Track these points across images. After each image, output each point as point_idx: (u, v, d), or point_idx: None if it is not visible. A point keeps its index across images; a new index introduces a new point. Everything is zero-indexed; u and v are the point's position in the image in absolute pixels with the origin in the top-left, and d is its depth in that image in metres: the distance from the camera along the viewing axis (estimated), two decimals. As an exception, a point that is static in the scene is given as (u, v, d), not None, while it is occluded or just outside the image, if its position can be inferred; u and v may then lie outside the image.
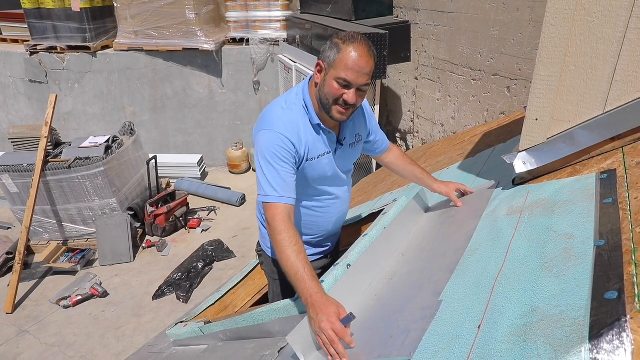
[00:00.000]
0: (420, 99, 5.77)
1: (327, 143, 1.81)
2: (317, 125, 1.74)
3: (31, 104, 7.26)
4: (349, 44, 1.58)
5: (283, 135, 1.64)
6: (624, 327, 0.81)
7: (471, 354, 0.99)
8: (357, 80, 1.59)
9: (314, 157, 1.77)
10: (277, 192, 1.62)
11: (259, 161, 1.67)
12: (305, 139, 1.71)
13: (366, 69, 1.58)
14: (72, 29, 6.73)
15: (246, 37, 7.14)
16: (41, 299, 4.80)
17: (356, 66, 1.56)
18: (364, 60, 1.57)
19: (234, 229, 6.03)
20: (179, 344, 2.32)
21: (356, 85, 1.60)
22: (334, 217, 2.06)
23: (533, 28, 3.72)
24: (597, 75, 1.53)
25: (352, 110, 1.69)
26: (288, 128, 1.66)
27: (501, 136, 2.92)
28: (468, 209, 1.90)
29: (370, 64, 1.59)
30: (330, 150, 1.83)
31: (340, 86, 1.61)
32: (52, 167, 5.17)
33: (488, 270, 1.29)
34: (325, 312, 1.30)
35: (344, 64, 1.57)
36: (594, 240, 1.13)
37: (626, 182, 1.31)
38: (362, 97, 1.68)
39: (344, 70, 1.57)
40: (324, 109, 1.69)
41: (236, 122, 7.63)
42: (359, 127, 1.95)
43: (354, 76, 1.58)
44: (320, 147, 1.78)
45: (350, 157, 1.97)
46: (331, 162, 1.85)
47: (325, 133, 1.78)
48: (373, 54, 1.62)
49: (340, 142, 1.87)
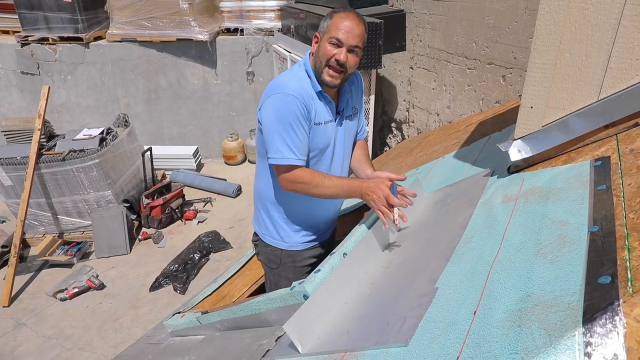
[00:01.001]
0: (415, 89, 5.76)
1: (330, 111, 1.88)
2: (319, 93, 1.82)
3: (23, 96, 7.20)
4: (340, 12, 1.74)
5: (296, 97, 1.73)
6: (616, 311, 0.82)
7: (467, 339, 1.00)
8: (347, 40, 1.70)
9: (320, 122, 1.84)
10: (297, 156, 1.77)
11: (273, 123, 1.74)
12: (314, 102, 1.81)
13: (356, 30, 1.70)
14: (64, 19, 6.66)
15: (240, 27, 7.09)
16: (38, 291, 4.80)
17: (346, 27, 1.69)
18: (353, 22, 1.70)
19: (230, 220, 6.04)
20: (176, 334, 2.33)
21: (347, 45, 1.71)
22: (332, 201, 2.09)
23: (528, 16, 3.72)
24: (592, 62, 1.53)
25: (343, 75, 1.78)
26: (299, 91, 1.75)
27: (496, 125, 2.92)
28: (464, 197, 1.91)
29: (360, 27, 1.72)
30: (333, 119, 1.90)
31: (332, 45, 1.72)
32: (46, 159, 5.14)
33: (483, 257, 1.31)
34: (376, 189, 1.68)
35: (336, 26, 1.71)
36: (588, 226, 1.14)
37: (620, 169, 1.32)
38: (354, 61, 1.77)
39: (335, 31, 1.70)
40: (317, 74, 1.79)
41: (231, 113, 7.60)
42: (356, 100, 2.03)
43: (345, 36, 1.69)
44: (325, 113, 1.85)
45: (349, 130, 2.01)
46: (334, 130, 1.92)
47: (327, 102, 1.85)
48: (364, 22, 1.74)
49: (339, 113, 1.93)
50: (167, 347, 2.29)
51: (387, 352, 1.13)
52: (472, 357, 0.93)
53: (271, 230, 2.13)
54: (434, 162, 2.83)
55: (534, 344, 0.86)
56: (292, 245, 2.12)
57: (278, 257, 2.16)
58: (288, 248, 2.12)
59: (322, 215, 2.11)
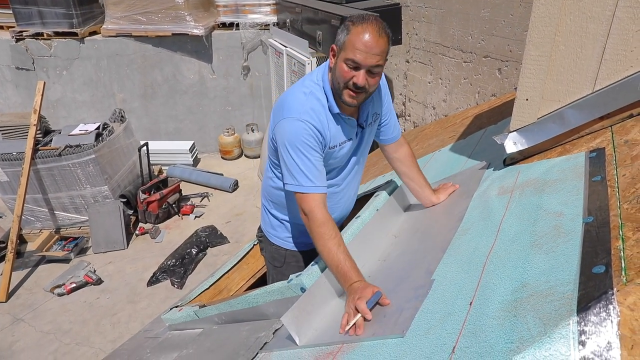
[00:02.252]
0: (411, 82, 5.76)
1: (348, 130, 1.74)
2: (337, 114, 1.67)
3: (19, 92, 7.16)
4: (358, 24, 1.51)
5: (310, 123, 1.59)
6: (610, 299, 0.82)
7: (463, 329, 1.01)
8: (365, 61, 1.50)
9: (335, 145, 1.71)
10: (313, 182, 1.60)
11: (287, 150, 1.62)
12: (328, 126, 1.66)
13: (375, 49, 1.49)
14: (59, 14, 6.61)
15: (236, 22, 7.06)
16: (35, 287, 4.79)
17: (364, 46, 1.49)
18: (372, 39, 1.49)
19: (227, 214, 6.04)
20: (174, 328, 2.33)
21: (365, 67, 1.52)
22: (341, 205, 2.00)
23: (523, 9, 3.71)
24: (587, 54, 1.54)
25: (365, 95, 1.61)
26: (312, 115, 1.60)
27: (492, 118, 2.93)
28: (460, 189, 1.91)
29: (380, 43, 1.50)
30: (351, 137, 1.76)
31: (349, 68, 1.53)
32: (43, 155, 5.12)
33: (479, 249, 1.31)
34: (360, 292, 1.36)
35: (352, 45, 1.50)
36: (583, 217, 1.15)
37: (614, 160, 1.33)
38: (375, 80, 1.58)
39: (352, 51, 1.50)
40: (336, 93, 1.62)
41: (227, 108, 7.58)
42: (377, 104, 1.85)
43: (362, 56, 1.50)
44: (340, 136, 1.72)
45: (367, 138, 1.88)
46: (350, 149, 1.80)
47: (345, 121, 1.71)
48: (386, 33, 1.52)
49: (360, 125, 1.79)
50: (165, 341, 2.30)
51: (384, 343, 1.14)
52: (468, 347, 0.94)
53: (277, 230, 2.10)
54: (430, 155, 2.84)
55: (529, 333, 0.87)
56: (297, 246, 2.09)
57: (282, 257, 2.14)
58: (293, 248, 2.10)
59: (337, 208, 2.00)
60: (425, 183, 1.94)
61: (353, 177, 1.96)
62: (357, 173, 1.98)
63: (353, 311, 1.33)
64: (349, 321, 1.31)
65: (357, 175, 1.98)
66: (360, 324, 1.30)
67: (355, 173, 1.95)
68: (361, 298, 1.33)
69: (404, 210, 2.05)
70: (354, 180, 1.98)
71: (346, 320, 1.33)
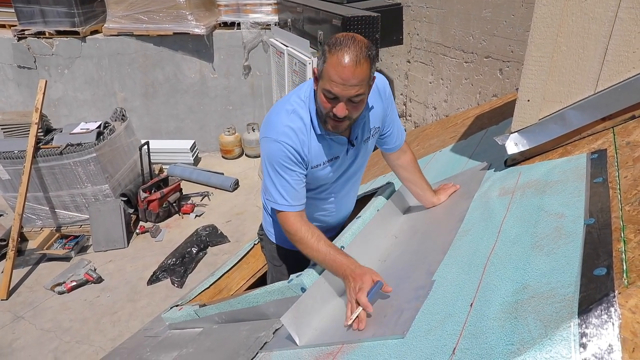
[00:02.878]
0: (412, 82, 5.75)
1: (335, 149, 1.68)
2: (320, 136, 1.61)
3: (20, 90, 7.16)
4: (334, 52, 1.38)
5: (287, 144, 1.54)
6: (612, 302, 0.82)
7: (463, 331, 1.00)
8: (343, 93, 1.41)
9: (318, 164, 1.67)
10: (289, 202, 1.60)
11: (266, 168, 1.61)
12: (309, 146, 1.61)
13: (352, 80, 1.38)
14: (60, 13, 6.62)
15: (237, 21, 7.06)
16: (35, 285, 4.80)
17: (340, 78, 1.38)
18: (348, 71, 1.36)
19: (228, 214, 6.04)
20: (174, 327, 2.33)
21: (344, 98, 1.42)
22: (338, 214, 2.02)
23: (525, 9, 3.71)
24: (589, 55, 1.53)
25: (349, 122, 1.53)
26: (291, 136, 1.55)
27: (493, 118, 2.93)
28: (461, 190, 1.91)
29: (357, 73, 1.37)
30: (338, 155, 1.71)
31: (328, 99, 1.45)
32: (44, 153, 5.13)
33: (480, 250, 1.31)
34: (358, 279, 1.37)
35: (329, 76, 1.40)
36: (584, 218, 1.15)
37: (616, 162, 1.32)
38: (358, 107, 1.48)
39: (329, 83, 1.41)
40: (321, 119, 1.56)
41: (228, 107, 7.58)
42: (376, 119, 1.75)
43: (339, 89, 1.40)
44: (324, 155, 1.66)
45: (365, 153, 1.83)
46: (338, 167, 1.76)
47: (332, 140, 1.65)
48: (365, 59, 1.38)
49: (351, 143, 1.71)
50: (165, 340, 2.30)
51: (385, 344, 1.14)
52: (469, 349, 0.94)
53: (276, 229, 2.11)
54: (431, 155, 2.83)
55: (530, 335, 0.87)
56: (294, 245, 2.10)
57: (282, 256, 2.15)
58: (292, 248, 2.10)
59: (327, 223, 2.04)
60: (426, 186, 1.93)
61: (350, 188, 1.95)
62: (355, 183, 1.97)
63: (354, 304, 1.33)
64: (352, 313, 1.31)
65: (354, 185, 1.97)
66: (362, 317, 1.29)
67: (352, 184, 1.94)
68: (362, 289, 1.33)
69: (405, 211, 2.05)
70: (351, 191, 1.97)
71: (350, 312, 1.33)
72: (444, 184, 1.99)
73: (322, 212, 1.97)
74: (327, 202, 1.93)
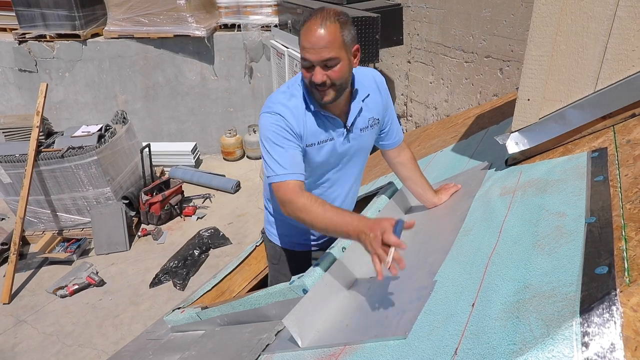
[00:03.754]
0: (413, 83, 5.75)
1: (331, 130, 1.69)
2: (316, 112, 1.64)
3: (21, 94, 7.18)
4: (305, 21, 1.47)
5: (281, 116, 1.58)
6: (613, 300, 0.82)
7: (465, 331, 1.00)
8: (315, 58, 1.46)
9: (313, 143, 1.68)
10: (286, 170, 1.56)
11: (263, 144, 1.61)
12: (304, 122, 1.63)
13: (320, 42, 1.43)
14: (61, 16, 6.63)
15: (237, 23, 7.07)
16: (38, 288, 4.80)
17: (309, 43, 1.45)
18: (314, 34, 1.43)
19: (229, 216, 6.04)
20: (176, 329, 2.33)
21: (318, 63, 1.47)
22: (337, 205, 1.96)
23: (525, 9, 3.71)
24: (588, 54, 1.53)
25: (333, 89, 1.54)
26: (285, 110, 1.59)
27: (494, 118, 2.92)
28: (462, 190, 1.91)
29: (324, 36, 1.43)
30: (333, 137, 1.71)
31: (306, 69, 1.51)
32: (45, 156, 5.14)
33: (482, 249, 1.31)
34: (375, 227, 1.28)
35: (301, 45, 1.48)
36: (585, 217, 1.15)
37: (617, 160, 1.32)
38: (337, 72, 1.50)
39: (302, 51, 1.49)
40: (311, 94, 1.60)
41: (229, 109, 7.59)
42: (374, 109, 1.77)
43: (310, 54, 1.46)
44: (321, 134, 1.67)
45: (363, 143, 1.82)
46: (334, 149, 1.75)
47: (327, 119, 1.67)
48: (333, 21, 1.44)
49: (347, 128, 1.72)
50: (168, 343, 2.30)
51: (387, 344, 1.14)
52: (471, 349, 0.94)
53: (274, 228, 2.13)
54: (432, 155, 2.83)
55: (532, 334, 0.87)
56: (291, 245, 2.11)
57: (278, 254, 2.16)
58: (288, 247, 2.11)
59: None
60: (427, 185, 1.92)
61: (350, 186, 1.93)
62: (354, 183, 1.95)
63: (383, 249, 1.23)
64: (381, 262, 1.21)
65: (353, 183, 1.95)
66: (398, 257, 1.21)
67: (351, 181, 1.92)
68: (386, 232, 1.23)
69: (406, 211, 2.04)
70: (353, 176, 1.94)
71: (379, 265, 1.22)
72: (445, 184, 1.98)
73: None
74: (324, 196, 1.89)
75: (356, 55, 1.56)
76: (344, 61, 1.51)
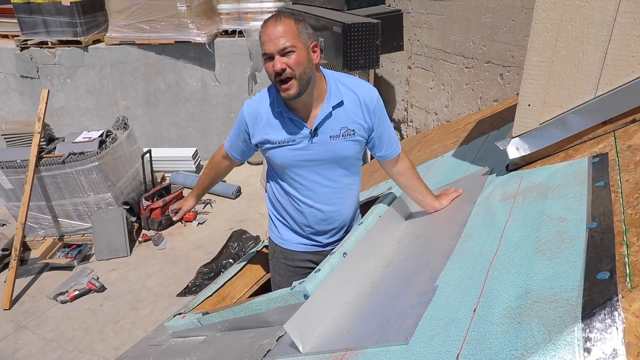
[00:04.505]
0: (413, 88, 5.77)
1: (293, 132, 1.78)
2: (279, 113, 1.77)
3: (23, 100, 7.20)
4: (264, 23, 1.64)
5: (243, 112, 1.84)
6: (615, 306, 0.82)
7: (467, 337, 1.00)
8: (273, 49, 1.60)
9: (275, 142, 1.80)
10: (227, 142, 2.04)
11: None
12: (265, 121, 1.80)
13: (276, 33, 1.59)
14: (63, 23, 6.66)
15: (238, 29, 7.10)
16: (38, 294, 4.80)
17: (267, 37, 1.60)
18: (271, 28, 1.60)
19: (230, 221, 6.03)
20: (177, 335, 2.33)
21: (276, 53, 1.60)
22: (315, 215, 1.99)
23: (525, 14, 3.72)
24: (588, 59, 1.54)
25: (296, 81, 1.64)
26: (252, 109, 1.82)
27: (494, 123, 2.93)
28: (463, 195, 1.91)
29: (280, 28, 1.59)
30: (295, 139, 1.78)
31: (267, 62, 1.64)
32: (46, 162, 5.14)
33: (483, 255, 1.31)
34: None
35: (261, 41, 1.63)
36: (587, 222, 1.15)
37: (618, 165, 1.32)
38: (294, 61, 1.61)
39: (262, 46, 1.63)
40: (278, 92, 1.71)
41: (230, 115, 7.60)
42: (351, 120, 1.79)
43: (268, 46, 1.60)
44: (283, 135, 1.79)
45: (337, 152, 1.83)
46: (296, 152, 1.81)
47: (292, 121, 1.77)
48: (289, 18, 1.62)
49: (313, 133, 1.77)
50: (168, 348, 2.29)
51: (388, 350, 1.14)
52: (472, 354, 0.94)
53: (271, 224, 2.20)
54: (433, 161, 2.84)
55: (534, 340, 0.86)
56: (284, 243, 2.15)
57: (272, 250, 2.23)
58: (280, 244, 2.16)
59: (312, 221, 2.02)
60: (427, 191, 1.94)
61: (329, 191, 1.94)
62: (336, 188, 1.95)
63: None
64: None
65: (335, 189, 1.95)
66: None
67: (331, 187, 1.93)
68: None
69: (407, 217, 2.05)
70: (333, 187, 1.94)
71: None
72: (446, 189, 1.99)
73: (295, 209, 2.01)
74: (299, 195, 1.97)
75: (315, 51, 1.70)
76: (301, 51, 1.63)
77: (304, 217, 2.01)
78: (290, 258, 2.15)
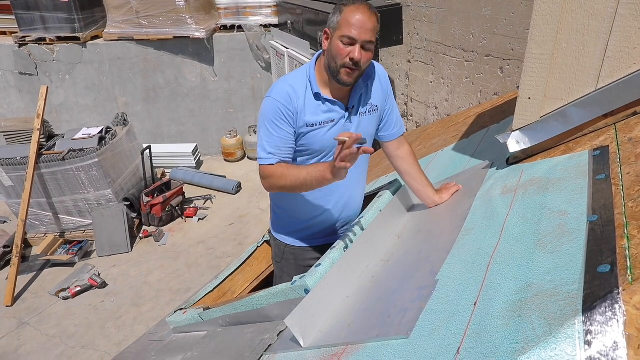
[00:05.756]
0: (413, 82, 5.75)
1: (332, 112, 1.78)
2: (317, 94, 1.74)
3: (22, 97, 7.19)
4: (350, 5, 1.62)
5: (277, 101, 1.70)
6: (616, 299, 0.82)
7: (467, 330, 1.00)
8: (360, 36, 1.60)
9: (314, 124, 1.75)
10: (270, 153, 1.73)
11: (259, 128, 1.75)
12: (303, 103, 1.73)
13: (368, 24, 1.60)
14: (61, 19, 6.64)
15: (237, 24, 7.08)
16: (40, 291, 4.81)
17: (358, 22, 1.59)
18: (365, 16, 1.60)
19: (231, 217, 6.04)
20: (178, 330, 2.33)
21: (360, 42, 1.61)
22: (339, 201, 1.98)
23: (525, 7, 3.70)
24: (589, 52, 1.53)
25: (359, 72, 1.68)
26: (283, 94, 1.71)
27: (495, 117, 2.92)
28: (463, 189, 1.91)
29: (372, 20, 1.62)
30: (334, 119, 1.78)
31: (345, 45, 1.62)
32: (46, 159, 5.14)
33: (483, 248, 1.31)
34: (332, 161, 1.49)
35: (347, 22, 1.60)
36: (587, 215, 1.14)
37: (618, 158, 1.32)
38: (368, 57, 1.67)
39: (347, 28, 1.60)
40: (332, 74, 1.69)
41: (229, 110, 7.59)
42: (375, 96, 1.86)
43: (357, 32, 1.59)
44: (321, 116, 1.76)
45: (364, 127, 1.86)
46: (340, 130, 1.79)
47: (328, 102, 1.76)
48: (375, 13, 1.64)
49: (349, 110, 1.80)
50: (170, 344, 2.30)
51: (389, 344, 1.14)
52: (473, 348, 0.94)
53: (278, 225, 2.15)
54: (433, 155, 2.83)
55: (534, 333, 0.86)
56: (295, 242, 2.11)
57: (281, 252, 2.16)
58: (292, 244, 2.12)
59: (326, 215, 2.02)
60: (427, 182, 1.94)
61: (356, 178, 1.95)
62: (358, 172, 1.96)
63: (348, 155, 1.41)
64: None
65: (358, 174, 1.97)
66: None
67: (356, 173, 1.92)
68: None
69: (407, 211, 2.04)
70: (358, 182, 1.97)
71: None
72: (446, 183, 1.99)
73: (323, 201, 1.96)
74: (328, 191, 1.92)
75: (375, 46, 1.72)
76: (373, 50, 1.68)
77: (324, 203, 1.98)
78: (302, 258, 2.12)
